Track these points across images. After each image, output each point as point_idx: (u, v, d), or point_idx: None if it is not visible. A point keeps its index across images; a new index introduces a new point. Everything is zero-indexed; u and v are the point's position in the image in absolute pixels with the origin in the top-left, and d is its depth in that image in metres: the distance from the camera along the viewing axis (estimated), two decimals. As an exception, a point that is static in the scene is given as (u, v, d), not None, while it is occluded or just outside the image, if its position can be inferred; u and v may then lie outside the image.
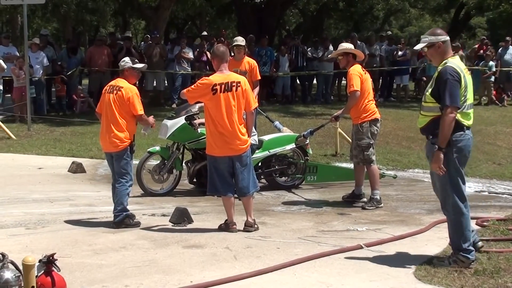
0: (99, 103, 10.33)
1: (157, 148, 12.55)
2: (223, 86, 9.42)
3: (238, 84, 9.51)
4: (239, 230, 9.61)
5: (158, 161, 12.51)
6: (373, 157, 11.58)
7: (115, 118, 9.94)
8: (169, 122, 12.33)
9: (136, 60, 10.65)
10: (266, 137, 13.13)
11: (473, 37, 54.02)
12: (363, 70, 11.69)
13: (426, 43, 8.04)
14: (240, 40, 13.89)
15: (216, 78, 9.54)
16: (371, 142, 11.47)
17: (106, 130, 10.01)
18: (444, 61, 7.82)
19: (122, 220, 9.83)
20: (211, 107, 9.51)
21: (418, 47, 8.60)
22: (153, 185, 12.41)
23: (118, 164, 10.02)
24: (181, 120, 12.31)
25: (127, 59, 10.42)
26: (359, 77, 11.39)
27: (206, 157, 12.31)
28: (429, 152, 7.89)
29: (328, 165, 14.60)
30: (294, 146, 12.95)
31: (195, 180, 12.74)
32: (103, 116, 10.10)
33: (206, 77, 9.79)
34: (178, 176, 12.56)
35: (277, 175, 13.03)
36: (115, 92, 10.02)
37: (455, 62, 7.81)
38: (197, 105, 11.85)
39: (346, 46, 11.99)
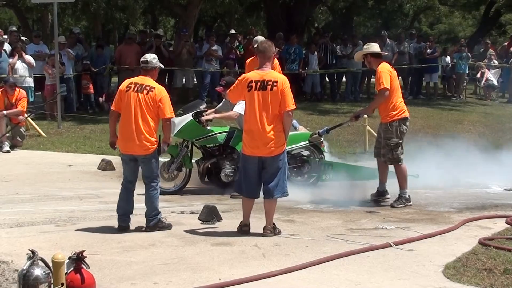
0: (118, 100, 9.70)
1: None
2: (258, 84, 9.15)
3: (275, 84, 9.13)
4: (252, 234, 9.40)
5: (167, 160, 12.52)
6: (402, 156, 11.46)
7: (145, 119, 9.48)
8: (176, 119, 12.26)
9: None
10: None
11: (504, 35, 53.56)
12: (392, 68, 11.60)
13: None
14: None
15: (253, 75, 9.32)
16: (400, 141, 11.38)
17: (136, 132, 9.45)
18: None
19: (156, 223, 9.59)
20: (246, 105, 9.32)
21: None
22: (164, 184, 12.38)
23: (148, 167, 9.64)
24: (188, 117, 12.30)
25: (155, 56, 10.01)
26: (388, 75, 11.27)
27: (215, 155, 12.36)
28: None
29: (344, 163, 14.06)
30: (307, 143, 12.83)
31: (206, 179, 12.73)
32: (128, 116, 9.52)
33: (245, 74, 9.67)
34: (188, 173, 12.53)
35: (292, 173, 12.87)
36: (145, 92, 9.51)
37: None
38: (205, 103, 11.88)
39: (360, 52, 11.96)
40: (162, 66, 10.32)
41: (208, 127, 12.35)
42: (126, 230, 9.58)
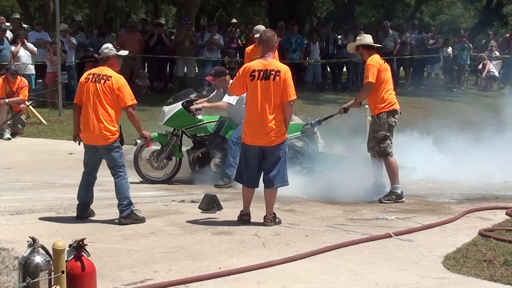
0: (79, 93, 9.64)
1: (155, 134, 12.27)
2: (261, 73, 9.11)
3: (278, 73, 9.12)
4: (253, 223, 9.41)
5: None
6: (390, 150, 11.21)
7: (104, 109, 9.36)
8: (166, 108, 12.27)
9: (118, 47, 10.32)
10: None
11: (505, 26, 53.49)
12: (382, 60, 11.42)
13: None
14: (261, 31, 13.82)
15: (256, 64, 9.30)
16: (387, 134, 11.14)
17: (95, 121, 9.36)
18: None
19: (130, 214, 9.41)
20: (248, 94, 9.29)
21: None
22: (154, 173, 12.41)
23: (111, 158, 9.49)
24: (177, 106, 12.27)
25: (110, 45, 9.92)
26: (377, 68, 11.06)
27: (205, 144, 12.31)
28: None
29: (337, 155, 13.61)
30: (300, 134, 12.79)
31: (197, 169, 12.66)
32: (88, 107, 9.43)
33: (247, 63, 9.61)
34: (178, 162, 12.47)
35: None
36: (102, 81, 9.42)
37: None
38: (195, 92, 11.84)
39: (353, 44, 11.83)
40: (123, 53, 10.16)
41: (199, 116, 12.32)
42: (83, 219, 9.52)
